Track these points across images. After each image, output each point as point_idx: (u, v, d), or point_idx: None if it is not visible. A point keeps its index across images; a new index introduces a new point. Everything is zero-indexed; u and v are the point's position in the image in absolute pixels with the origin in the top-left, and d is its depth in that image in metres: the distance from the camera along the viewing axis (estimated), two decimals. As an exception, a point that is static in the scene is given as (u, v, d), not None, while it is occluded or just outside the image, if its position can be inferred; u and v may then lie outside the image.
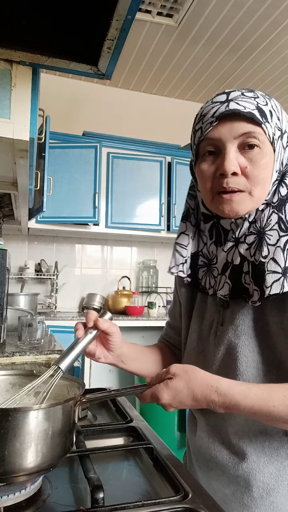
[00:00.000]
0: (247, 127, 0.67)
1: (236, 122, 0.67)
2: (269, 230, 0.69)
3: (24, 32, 0.92)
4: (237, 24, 2.99)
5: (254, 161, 0.68)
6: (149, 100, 4.10)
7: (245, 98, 0.68)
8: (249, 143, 0.67)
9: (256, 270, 0.69)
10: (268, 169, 0.68)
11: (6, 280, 1.68)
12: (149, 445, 0.77)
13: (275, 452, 0.71)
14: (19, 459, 0.55)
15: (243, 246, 0.73)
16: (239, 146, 0.68)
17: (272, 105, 0.70)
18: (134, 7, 0.79)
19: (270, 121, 0.68)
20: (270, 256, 0.68)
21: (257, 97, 0.69)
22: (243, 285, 0.72)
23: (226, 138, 0.68)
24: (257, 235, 0.71)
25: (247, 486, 0.72)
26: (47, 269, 3.49)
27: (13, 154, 1.18)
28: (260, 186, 0.68)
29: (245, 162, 0.68)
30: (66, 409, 0.61)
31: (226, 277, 0.75)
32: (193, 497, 0.60)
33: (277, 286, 0.65)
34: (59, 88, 3.69)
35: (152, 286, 3.79)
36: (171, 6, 2.86)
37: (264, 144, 0.67)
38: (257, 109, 0.67)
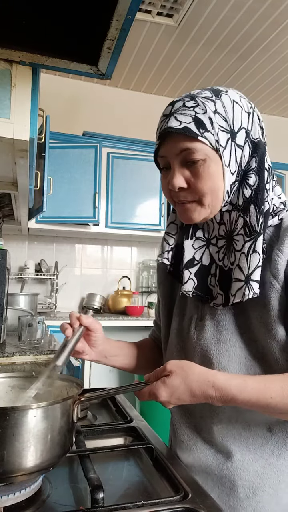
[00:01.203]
0: (183, 144, 0.68)
1: (174, 139, 0.69)
2: (236, 235, 0.71)
3: (24, 32, 0.92)
4: (237, 24, 2.99)
5: (197, 174, 0.69)
6: (149, 100, 4.10)
7: (184, 109, 0.68)
8: (189, 160, 0.69)
9: (223, 276, 0.73)
10: (214, 178, 0.69)
11: (6, 280, 1.68)
12: (149, 445, 0.77)
13: (260, 449, 0.71)
14: (18, 459, 0.55)
15: (214, 249, 0.76)
16: (182, 161, 0.70)
17: (216, 108, 0.68)
18: (134, 7, 0.79)
19: (210, 128, 0.67)
20: (236, 262, 0.70)
21: (197, 105, 0.68)
22: (208, 285, 0.75)
23: (169, 155, 0.71)
24: (226, 240, 0.74)
25: (233, 487, 0.71)
26: (47, 269, 3.49)
27: (13, 154, 1.18)
28: (208, 195, 0.70)
29: (189, 176, 0.70)
30: (64, 408, 0.61)
31: (191, 273, 0.77)
32: (193, 497, 0.60)
33: (240, 294, 0.68)
34: (59, 88, 3.69)
35: (152, 286, 3.79)
36: (171, 6, 2.86)
37: (207, 154, 0.68)
38: (194, 120, 0.67)
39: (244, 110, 0.70)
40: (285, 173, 3.98)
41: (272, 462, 0.70)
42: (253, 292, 0.67)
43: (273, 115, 4.50)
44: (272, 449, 0.71)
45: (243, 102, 0.71)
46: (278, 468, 0.70)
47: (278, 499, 0.69)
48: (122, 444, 0.86)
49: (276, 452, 0.71)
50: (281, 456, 0.70)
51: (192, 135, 0.67)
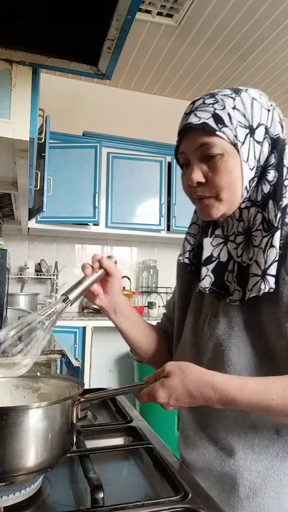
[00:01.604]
0: (202, 139, 0.70)
1: (193, 135, 0.71)
2: (255, 231, 0.72)
3: (24, 32, 0.92)
4: (237, 24, 2.99)
5: (215, 169, 0.70)
6: (149, 100, 4.10)
7: (204, 106, 0.70)
8: (207, 154, 0.70)
9: (241, 272, 0.73)
10: (232, 173, 0.70)
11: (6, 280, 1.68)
12: (149, 445, 0.77)
13: (264, 450, 0.70)
14: (17, 459, 0.55)
15: (232, 245, 0.77)
16: (201, 157, 0.71)
17: (235, 104, 0.69)
18: (134, 7, 0.79)
19: (229, 123, 0.68)
20: (254, 258, 0.70)
21: (216, 102, 0.70)
22: (225, 282, 0.76)
23: (189, 151, 0.73)
24: (245, 236, 0.74)
25: (234, 486, 0.71)
26: (47, 269, 3.49)
27: (13, 154, 1.18)
28: (226, 190, 0.71)
29: (207, 170, 0.71)
30: (64, 408, 0.60)
31: (209, 270, 0.78)
32: (193, 497, 0.60)
33: (256, 289, 0.68)
34: (59, 88, 3.69)
35: (152, 286, 3.79)
36: (171, 6, 2.86)
37: (225, 149, 0.69)
38: (212, 116, 0.69)
39: (263, 107, 0.71)
40: None
41: (276, 464, 0.69)
42: (268, 287, 0.67)
43: (273, 115, 4.50)
44: (278, 452, 0.69)
45: (263, 100, 0.72)
46: (282, 471, 0.69)
47: (280, 503, 0.68)
48: (122, 444, 0.86)
49: (281, 455, 0.69)
50: (286, 460, 0.69)
51: (210, 130, 0.68)
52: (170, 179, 3.55)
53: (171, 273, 3.87)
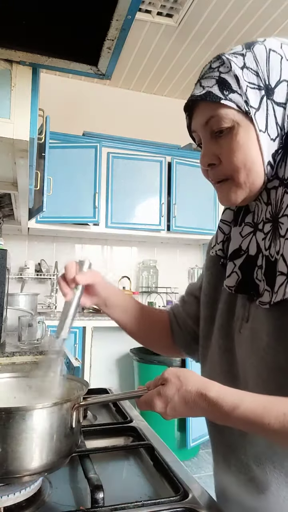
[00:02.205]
0: (207, 112, 0.59)
1: (199, 109, 0.61)
2: (281, 217, 0.58)
3: (24, 32, 0.92)
4: (237, 24, 2.99)
5: (225, 146, 0.59)
6: (149, 100, 4.10)
7: (209, 72, 0.60)
8: (215, 129, 0.60)
9: (270, 268, 0.60)
10: (246, 148, 0.58)
11: (6, 280, 1.68)
12: (149, 445, 0.77)
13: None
14: (13, 461, 0.55)
15: (260, 235, 0.63)
16: (211, 133, 0.61)
17: (245, 62, 0.58)
18: (134, 7, 0.79)
19: (236, 88, 0.57)
20: (281, 251, 0.57)
21: (222, 63, 0.59)
22: (254, 280, 0.63)
23: (198, 129, 0.63)
24: (272, 224, 0.61)
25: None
26: (47, 269, 3.49)
27: (13, 154, 1.18)
28: (242, 170, 0.59)
29: (218, 150, 0.60)
30: (61, 411, 0.60)
31: (236, 266, 0.66)
32: (193, 497, 0.60)
33: (281, 292, 0.56)
34: (59, 88, 3.69)
35: (152, 286, 3.79)
36: (171, 6, 2.86)
37: (234, 120, 0.58)
38: (217, 82, 0.58)
39: (285, 58, 0.58)
40: None
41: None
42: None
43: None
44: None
45: (285, 49, 0.59)
46: None
47: None
48: (122, 444, 0.86)
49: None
50: None
51: (214, 99, 0.57)
52: (170, 179, 3.55)
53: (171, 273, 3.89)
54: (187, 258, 4.00)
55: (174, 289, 3.81)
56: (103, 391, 1.18)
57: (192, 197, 3.53)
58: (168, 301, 3.69)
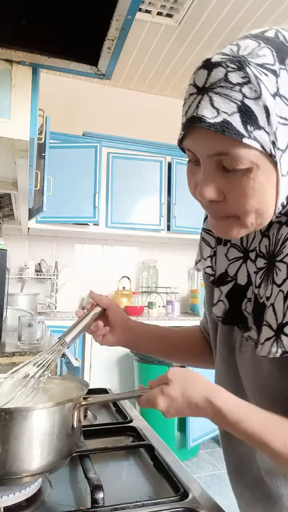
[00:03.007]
0: (220, 146, 0.47)
1: (207, 135, 0.47)
2: (279, 262, 0.53)
3: (24, 32, 0.92)
4: (237, 24, 2.99)
5: (238, 189, 0.48)
6: (149, 100, 4.10)
7: (226, 87, 0.45)
8: (226, 166, 0.48)
9: (257, 309, 0.57)
10: (262, 193, 0.48)
11: (6, 280, 1.68)
12: (149, 445, 0.77)
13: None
14: (13, 461, 0.55)
15: (252, 267, 0.58)
16: (217, 166, 0.49)
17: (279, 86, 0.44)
18: (134, 7, 0.79)
19: (265, 124, 0.45)
20: (271, 300, 0.53)
21: (248, 81, 0.44)
22: (242, 311, 0.60)
23: (199, 153, 0.50)
24: (267, 262, 0.56)
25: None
26: (47, 269, 3.49)
27: (13, 154, 1.18)
28: (252, 214, 0.50)
29: (226, 187, 0.49)
30: (63, 411, 0.60)
31: (222, 293, 0.62)
32: (193, 497, 0.60)
33: (266, 347, 0.52)
34: (59, 88, 3.69)
35: (152, 286, 3.79)
36: (171, 6, 2.86)
37: (254, 162, 0.46)
38: (240, 110, 0.44)
39: None
40: None
41: None
42: (282, 350, 0.50)
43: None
44: None
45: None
46: None
47: None
48: (122, 444, 0.86)
49: None
50: None
51: (235, 136, 0.45)
52: (170, 179, 3.55)
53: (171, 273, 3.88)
54: (187, 258, 4.00)
55: (174, 289, 3.81)
56: (103, 391, 1.18)
57: (192, 197, 3.52)
58: (168, 301, 3.69)
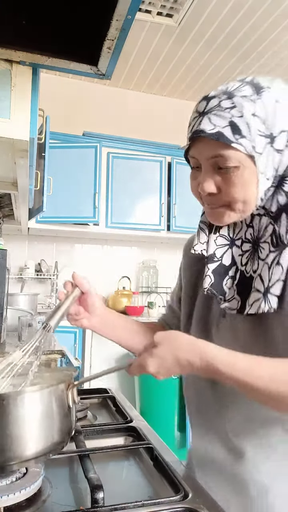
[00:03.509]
0: (216, 150, 0.65)
1: (206, 143, 0.66)
2: (263, 243, 0.68)
3: (24, 32, 0.92)
4: (237, 24, 2.99)
5: (229, 182, 0.66)
6: (149, 100, 4.09)
7: (219, 110, 0.64)
8: (220, 166, 0.66)
9: (244, 282, 0.70)
10: (247, 186, 0.66)
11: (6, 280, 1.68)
12: (149, 445, 0.77)
13: (273, 449, 0.68)
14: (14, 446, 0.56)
15: (237, 251, 0.74)
16: (214, 166, 0.67)
17: (255, 110, 0.63)
18: (134, 7, 0.79)
19: (247, 134, 0.63)
20: (258, 271, 0.67)
21: (234, 106, 0.63)
22: (223, 286, 0.73)
23: (200, 158, 0.68)
24: (252, 245, 0.71)
25: (245, 486, 0.70)
26: (47, 269, 3.49)
27: (13, 154, 1.18)
28: (240, 202, 0.67)
29: (220, 182, 0.67)
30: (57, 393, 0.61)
31: (209, 270, 0.74)
32: (193, 497, 0.60)
33: (255, 306, 0.65)
34: (59, 88, 3.69)
35: (152, 286, 3.79)
36: (171, 6, 2.86)
37: (240, 161, 0.64)
38: (230, 125, 0.63)
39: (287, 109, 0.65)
40: None
41: (285, 463, 0.68)
42: (269, 306, 0.63)
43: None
44: (286, 450, 0.68)
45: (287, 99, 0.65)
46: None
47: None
48: (122, 444, 0.86)
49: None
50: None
51: (226, 141, 0.63)
52: (170, 179, 3.55)
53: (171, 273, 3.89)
54: (187, 258, 3.99)
55: (174, 289, 3.80)
56: (103, 391, 1.18)
57: (192, 197, 3.49)
58: (168, 301, 3.70)
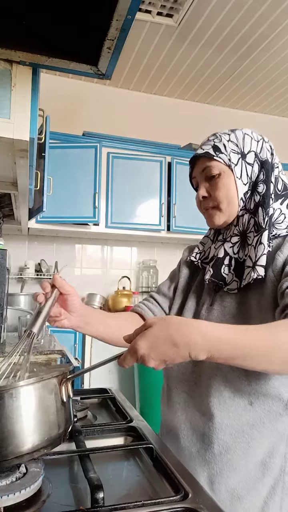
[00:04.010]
0: (204, 163, 0.92)
1: (199, 162, 0.94)
2: (249, 233, 0.89)
3: (24, 32, 0.92)
4: (237, 24, 2.99)
5: (215, 185, 0.91)
6: (149, 100, 4.09)
7: (207, 142, 0.93)
8: (209, 175, 0.91)
9: (239, 266, 0.89)
10: (228, 188, 0.89)
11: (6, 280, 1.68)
12: (149, 445, 0.77)
13: (238, 417, 0.82)
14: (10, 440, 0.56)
15: (228, 244, 0.93)
16: (205, 177, 0.93)
17: (230, 138, 0.91)
18: (134, 7, 0.79)
19: (224, 151, 0.90)
20: (248, 254, 0.87)
21: (216, 137, 0.92)
22: (222, 274, 0.91)
23: (196, 174, 0.96)
24: (240, 237, 0.91)
25: (210, 443, 0.84)
26: (47, 269, 3.49)
27: (13, 154, 1.18)
28: (225, 202, 0.90)
29: (209, 187, 0.92)
30: (48, 387, 0.61)
31: (210, 265, 0.94)
32: (193, 497, 0.60)
33: (248, 277, 0.84)
34: (59, 88, 3.69)
35: (152, 286, 3.79)
36: (171, 6, 2.86)
37: (222, 170, 0.90)
38: (212, 147, 0.91)
39: (253, 139, 0.92)
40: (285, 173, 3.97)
41: (246, 430, 0.82)
42: (257, 274, 0.81)
43: (273, 115, 4.50)
44: (248, 420, 0.82)
45: (254, 135, 0.92)
46: (250, 436, 0.82)
47: (246, 461, 0.81)
48: (122, 444, 0.86)
49: (251, 423, 0.82)
50: (254, 427, 0.82)
51: (210, 156, 0.90)
52: (170, 179, 3.55)
53: (171, 273, 3.74)
54: (187, 258, 3.99)
55: (174, 289, 3.80)
56: (103, 391, 1.18)
57: (192, 197, 3.49)
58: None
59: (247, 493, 0.80)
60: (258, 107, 4.34)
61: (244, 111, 4.41)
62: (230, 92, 4.04)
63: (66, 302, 0.83)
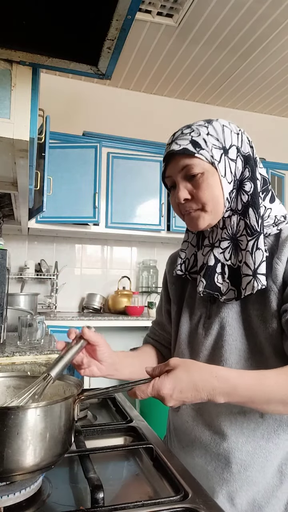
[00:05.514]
0: (183, 161, 0.80)
1: (176, 160, 0.81)
2: (240, 236, 0.81)
3: (24, 32, 0.92)
4: (237, 24, 2.99)
5: (198, 186, 0.80)
6: (149, 100, 4.10)
7: (182, 135, 0.81)
8: (189, 174, 0.80)
9: (233, 273, 0.82)
10: (213, 188, 0.80)
11: (6, 280, 1.68)
12: (149, 445, 0.77)
13: (252, 432, 0.80)
14: (21, 457, 0.56)
15: (217, 250, 0.85)
16: (185, 177, 0.81)
17: (208, 131, 0.80)
18: (134, 7, 0.79)
19: (205, 147, 0.79)
20: (243, 260, 0.80)
21: (193, 130, 0.81)
22: (216, 283, 0.84)
23: (173, 174, 0.83)
24: (231, 241, 0.83)
25: (227, 463, 0.81)
26: (47, 269, 3.49)
27: (13, 154, 1.18)
28: (210, 202, 0.80)
29: (191, 188, 0.81)
30: (65, 407, 0.61)
31: (201, 276, 0.86)
32: (193, 497, 0.60)
33: (250, 287, 0.77)
34: (59, 88, 3.69)
35: (152, 286, 3.79)
36: (171, 6, 2.86)
37: (204, 168, 0.79)
38: (191, 142, 0.79)
39: (233, 131, 0.83)
40: (285, 173, 3.97)
41: (262, 444, 0.80)
42: (261, 284, 0.76)
43: (273, 115, 4.50)
44: (263, 434, 0.80)
45: (232, 126, 0.83)
46: (267, 450, 0.80)
47: (264, 474, 0.80)
48: (122, 444, 0.86)
49: (266, 436, 0.80)
50: (269, 440, 0.80)
51: (190, 153, 0.79)
52: (170, 179, 3.55)
53: (171, 273, 3.75)
54: (187, 258, 3.99)
55: (174, 289, 3.80)
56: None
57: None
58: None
59: (268, 501, 0.79)
60: (258, 107, 4.34)
61: (244, 111, 4.41)
62: (230, 92, 4.04)
63: (96, 352, 0.78)
